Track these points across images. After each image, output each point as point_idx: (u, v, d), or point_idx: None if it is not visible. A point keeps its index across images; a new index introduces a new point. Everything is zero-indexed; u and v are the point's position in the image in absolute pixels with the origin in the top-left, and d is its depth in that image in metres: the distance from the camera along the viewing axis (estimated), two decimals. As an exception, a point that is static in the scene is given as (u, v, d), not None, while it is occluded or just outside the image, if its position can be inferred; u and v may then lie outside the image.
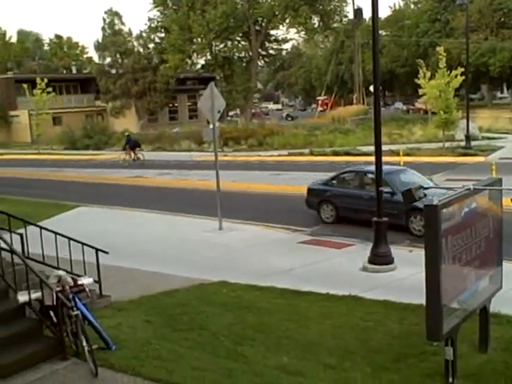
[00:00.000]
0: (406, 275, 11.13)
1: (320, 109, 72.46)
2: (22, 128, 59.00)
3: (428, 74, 29.82)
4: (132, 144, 36.37)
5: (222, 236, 15.46)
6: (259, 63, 70.05)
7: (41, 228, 10.20)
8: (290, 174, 26.24)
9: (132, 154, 35.77)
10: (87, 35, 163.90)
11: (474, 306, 7.33)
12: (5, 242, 8.52)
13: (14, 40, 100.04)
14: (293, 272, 12.04)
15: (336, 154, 31.83)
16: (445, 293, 6.54)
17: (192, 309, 9.75)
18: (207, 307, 9.82)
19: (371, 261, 11.89)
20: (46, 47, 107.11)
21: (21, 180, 30.64)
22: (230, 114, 74.74)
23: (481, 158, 26.71)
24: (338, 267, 12.30)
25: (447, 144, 30.27)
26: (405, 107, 69.22)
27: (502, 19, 66.66)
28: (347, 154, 30.95)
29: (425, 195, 7.90)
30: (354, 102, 64.15)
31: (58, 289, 7.85)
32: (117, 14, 62.48)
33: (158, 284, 11.26)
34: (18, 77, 64.23)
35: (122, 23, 62.65)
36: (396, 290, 10.39)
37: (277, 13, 59.45)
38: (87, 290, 8.16)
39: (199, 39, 60.63)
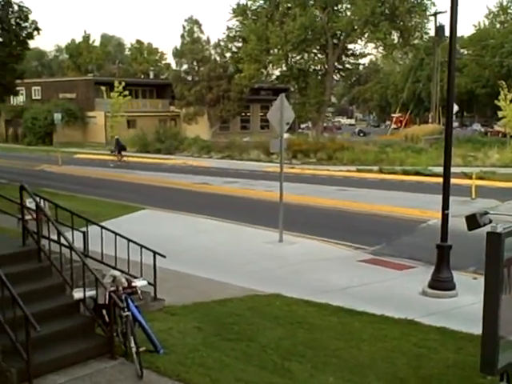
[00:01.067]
0: (467, 303, 10.70)
1: (394, 126, 71.38)
2: (98, 129, 60.91)
3: (509, 96, 28.85)
4: (119, 147, 41.61)
5: (282, 248, 15.37)
6: (335, 77, 69.64)
7: (102, 227, 10.39)
8: (357, 191, 25.90)
9: (119, 157, 41.14)
10: (167, 42, 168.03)
11: (537, 341, 6.95)
12: (65, 238, 8.74)
13: (97, 43, 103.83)
14: (349, 290, 11.81)
15: (406, 173, 31.17)
16: (503, 325, 6.24)
17: (243, 319, 9.70)
18: (259, 319, 9.75)
19: (431, 285, 11.49)
20: (126, 52, 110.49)
21: (92, 180, 31.58)
22: (302, 126, 74.71)
23: (559, 186, 25.54)
24: (397, 289, 11.96)
25: (525, 169, 29.16)
26: (483, 129, 67.26)
27: None
28: (418, 173, 30.27)
29: (490, 221, 7.57)
30: (430, 120, 62.78)
31: (112, 288, 7.98)
32: (196, 23, 63.69)
33: (213, 291, 11.29)
34: (97, 79, 66.54)
35: (201, 31, 63.81)
36: (455, 318, 10.00)
37: (356, 27, 58.97)
38: (139, 292, 8.26)
39: (276, 50, 60.87)
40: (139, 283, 8.54)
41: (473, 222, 7.37)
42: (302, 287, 11.84)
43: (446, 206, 11.70)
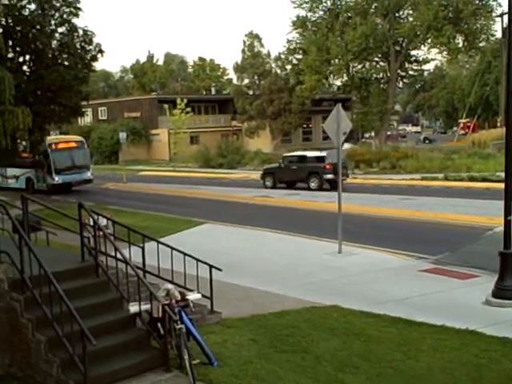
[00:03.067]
0: (533, 312, 10.29)
1: (461, 132, 69.70)
2: (162, 146, 62.15)
3: None
4: None
5: (341, 259, 15.22)
6: (398, 84, 68.70)
7: (158, 242, 10.60)
8: (421, 199, 25.39)
9: None
10: (229, 58, 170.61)
11: None
12: (121, 254, 8.96)
13: (160, 62, 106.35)
14: (409, 301, 11.55)
15: (473, 179, 30.35)
16: None
17: (299, 331, 9.66)
18: (315, 331, 9.68)
19: (495, 294, 11.10)
20: (189, 69, 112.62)
21: (155, 196, 32.23)
22: (366, 135, 73.96)
23: None
24: (459, 299, 11.62)
25: None
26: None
27: None
28: (485, 179, 29.42)
29: None
30: (498, 125, 60.93)
31: (166, 302, 8.11)
32: (257, 37, 64.25)
33: (270, 304, 11.31)
34: (160, 97, 68.00)
35: (262, 45, 64.30)
36: (520, 328, 9.63)
37: (418, 33, 58.07)
38: (191, 305, 8.35)
39: (336, 60, 60.63)
40: (192, 296, 8.65)
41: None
42: (361, 298, 11.70)
43: (508, 211, 11.32)
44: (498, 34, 59.46)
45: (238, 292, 12.17)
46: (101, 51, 32.15)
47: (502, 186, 11.88)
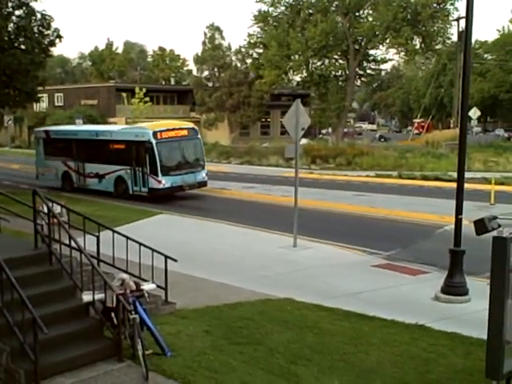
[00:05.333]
0: (479, 308, 10.52)
1: (415, 131, 70.89)
2: (119, 135, 61.26)
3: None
4: None
5: (296, 253, 15.37)
6: (356, 83, 69.43)
7: (113, 232, 10.51)
8: (376, 196, 25.76)
9: None
10: (189, 49, 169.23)
11: (545, 347, 6.85)
12: (75, 242, 8.86)
13: (119, 51, 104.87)
14: (362, 295, 11.77)
15: (425, 178, 30.95)
16: (509, 330, 6.20)
17: (253, 323, 9.73)
18: (268, 323, 9.76)
19: (444, 290, 11.42)
20: (149, 58, 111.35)
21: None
22: (323, 131, 74.56)
23: None
24: (409, 294, 11.91)
25: (546, 175, 28.76)
26: (506, 134, 66.55)
27: None
28: (437, 179, 30.03)
29: (499, 226, 7.49)
30: (452, 126, 62.27)
31: (120, 291, 8.06)
32: (218, 29, 64.04)
33: (225, 295, 11.36)
34: (118, 85, 67.07)
35: (222, 38, 64.16)
36: (467, 323, 9.92)
37: (377, 33, 58.79)
38: (146, 295, 8.32)
39: (296, 56, 60.89)
40: (147, 286, 8.61)
41: (481, 226, 7.29)
42: (315, 292, 11.85)
43: (459, 210, 11.62)
44: (454, 38, 60.71)
45: (192, 283, 12.18)
46: (59, 36, 31.37)
47: (453, 185, 12.21)
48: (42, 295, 8.20)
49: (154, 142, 24.12)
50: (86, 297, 8.26)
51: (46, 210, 9.68)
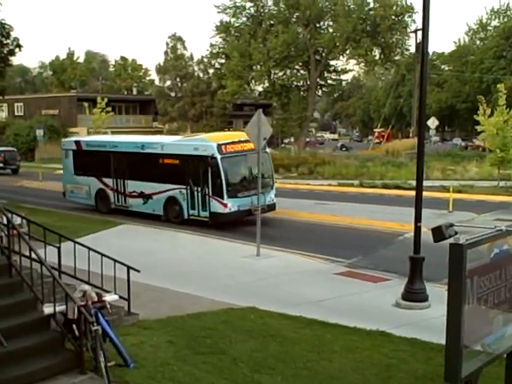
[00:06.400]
0: (439, 314, 10.72)
1: (376, 141, 71.95)
2: (81, 145, 60.65)
3: (488, 111, 29.26)
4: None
5: (259, 262, 15.44)
6: (317, 93, 70.22)
7: (75, 243, 10.42)
8: (338, 205, 26.01)
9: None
10: (151, 58, 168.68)
11: (500, 350, 7.03)
12: (36, 253, 8.75)
13: (81, 60, 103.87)
14: (324, 303, 11.89)
15: (386, 186, 31.40)
16: (467, 334, 6.33)
17: (216, 333, 9.74)
18: (232, 332, 9.79)
19: (404, 297, 11.62)
20: (111, 68, 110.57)
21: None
22: (285, 141, 75.07)
23: (536, 199, 25.88)
24: (371, 301, 12.07)
25: (502, 183, 29.48)
26: (463, 143, 68.04)
27: None
28: (397, 187, 30.49)
29: (456, 233, 7.68)
30: (411, 135, 63.41)
31: (82, 303, 7.98)
32: (180, 39, 64.18)
33: (188, 305, 11.34)
34: (80, 95, 66.47)
35: (185, 48, 64.34)
36: (427, 329, 10.09)
37: (338, 44, 59.62)
38: (108, 306, 8.27)
39: (258, 66, 61.31)
40: (109, 297, 8.56)
41: (438, 233, 7.47)
42: (278, 300, 11.91)
43: (418, 218, 11.85)
44: (412, 49, 61.98)
45: (155, 293, 12.12)
46: (18, 46, 31.00)
47: (413, 193, 12.42)
48: (1, 308, 8.07)
49: (218, 156, 19.90)
50: (47, 309, 8.16)
51: (5, 221, 9.53)
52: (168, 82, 65.32)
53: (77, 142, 26.06)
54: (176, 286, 12.66)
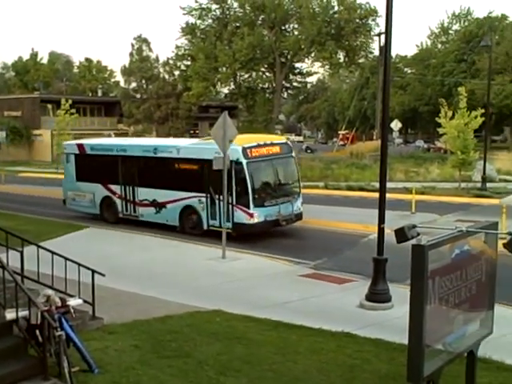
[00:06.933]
0: (402, 314, 10.85)
1: (340, 143, 72.60)
2: (44, 147, 59.89)
3: (449, 114, 29.77)
4: None
5: (225, 265, 15.45)
6: (283, 95, 70.61)
7: (38, 247, 10.28)
8: (303, 207, 26.10)
9: None
10: (116, 60, 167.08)
11: (461, 349, 7.18)
12: (-3, 258, 8.61)
13: (44, 61, 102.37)
14: (289, 305, 11.96)
15: (350, 188, 31.69)
16: (429, 334, 6.45)
17: (182, 336, 9.72)
18: (197, 335, 9.79)
19: (368, 298, 11.77)
20: (75, 69, 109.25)
21: (35, 198, 30.94)
22: (251, 143, 75.19)
23: (495, 201, 26.41)
24: (335, 303, 12.19)
25: (463, 184, 30.05)
26: (425, 145, 69.15)
27: (529, 62, 66.53)
28: (362, 189, 30.82)
29: (418, 234, 7.81)
30: (375, 137, 64.18)
31: (45, 308, 7.88)
32: (145, 41, 63.84)
33: (154, 309, 11.29)
34: (43, 97, 65.56)
35: (150, 50, 63.99)
36: (390, 329, 10.24)
37: (303, 46, 60.05)
38: (72, 311, 8.19)
39: (224, 68, 61.36)
40: (73, 302, 8.47)
41: (401, 235, 7.59)
42: (243, 303, 11.95)
43: (382, 220, 12.01)
44: (376, 52, 62.81)
45: (120, 297, 12.04)
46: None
47: (376, 195, 12.60)
48: (-39, 314, 7.92)
49: (244, 161, 18.18)
50: (10, 314, 8.02)
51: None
52: (133, 84, 64.92)
53: (79, 146, 24.02)
54: (142, 290, 12.58)
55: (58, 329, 7.68)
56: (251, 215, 18.22)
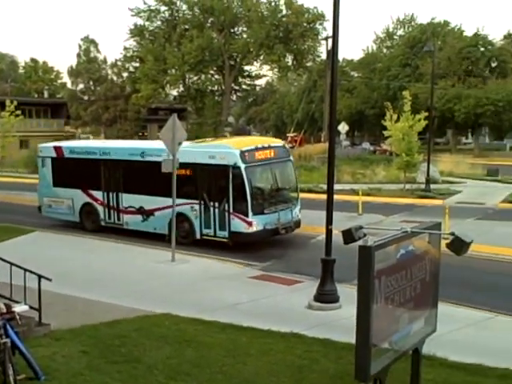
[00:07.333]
0: (349, 314, 11.03)
1: (289, 145, 72.88)
2: (-13, 149, 58.17)
3: (394, 117, 30.37)
4: None
5: (174, 268, 15.39)
6: (232, 97, 70.81)
7: (-19, 252, 10.02)
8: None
9: None
10: (63, 61, 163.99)
11: (406, 347, 7.35)
12: None
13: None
14: (239, 307, 12.02)
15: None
16: (375, 333, 6.57)
17: (131, 340, 9.65)
18: (147, 339, 9.73)
19: (317, 299, 11.93)
20: (20, 70, 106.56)
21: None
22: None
23: (439, 202, 27.10)
24: (284, 304, 12.30)
25: (408, 186, 30.71)
26: (372, 148, 70.28)
27: (470, 67, 68.42)
28: (310, 191, 31.05)
29: (365, 235, 7.96)
30: (322, 140, 64.90)
31: (-11, 315, 7.70)
32: (93, 42, 63.04)
33: (102, 314, 11.17)
34: (-13, 98, 63.68)
35: (98, 51, 63.16)
36: (338, 329, 10.39)
37: (251, 49, 60.36)
38: (17, 317, 8.03)
39: (173, 71, 61.09)
40: (19, 308, 8.30)
41: (348, 236, 7.77)
42: (193, 305, 11.94)
43: (329, 221, 12.19)
44: (323, 56, 63.63)
45: (68, 302, 11.88)
46: None
47: (324, 196, 12.75)
48: None
49: (242, 166, 17.05)
50: (-48, 322, 7.81)
51: None
52: (81, 86, 64.08)
53: (57, 148, 22.43)
54: (89, 295, 12.42)
55: (3, 336, 7.52)
56: (250, 223, 17.12)
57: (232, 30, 62.74)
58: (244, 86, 69.22)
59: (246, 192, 16.99)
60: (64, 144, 23.75)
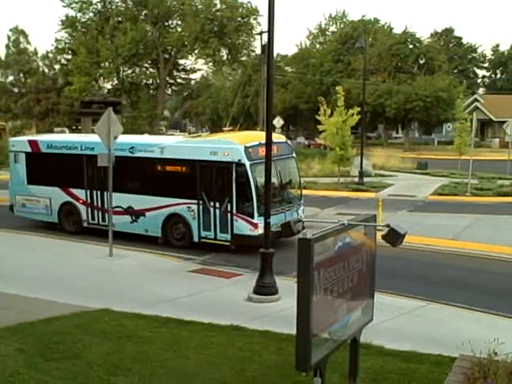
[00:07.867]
0: (289, 306, 11.30)
1: (226, 140, 73.06)
2: None
3: (328, 112, 30.87)
4: None
5: (112, 263, 15.24)
6: (167, 91, 70.16)
7: None
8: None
9: None
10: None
11: (345, 336, 7.56)
12: None
13: None
14: (179, 301, 12.04)
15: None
16: (315, 324, 6.74)
17: (70, 337, 9.52)
18: (86, 336, 9.62)
19: (256, 291, 12.08)
20: None
21: None
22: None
23: (372, 194, 27.85)
24: (224, 297, 12.40)
25: (342, 179, 31.38)
26: (306, 142, 71.26)
27: (399, 64, 70.28)
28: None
29: (303, 228, 8.13)
30: (258, 134, 65.22)
31: None
32: (23, 33, 60.85)
33: (39, 311, 10.98)
34: None
35: (28, 42, 61.05)
36: (278, 321, 10.59)
37: (186, 43, 59.93)
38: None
39: (107, 63, 59.98)
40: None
41: (287, 229, 7.91)
42: (133, 300, 11.88)
43: (267, 214, 12.36)
44: (258, 51, 63.89)
45: (3, 300, 11.63)
46: None
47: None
48: None
49: (247, 163, 15.91)
50: None
51: None
52: (10, 78, 61.74)
53: (32, 143, 20.71)
54: (26, 292, 12.18)
55: None
56: (255, 225, 15.81)
57: (166, 24, 61.99)
58: (179, 80, 68.60)
59: (251, 191, 15.88)
60: (40, 138, 21.99)
